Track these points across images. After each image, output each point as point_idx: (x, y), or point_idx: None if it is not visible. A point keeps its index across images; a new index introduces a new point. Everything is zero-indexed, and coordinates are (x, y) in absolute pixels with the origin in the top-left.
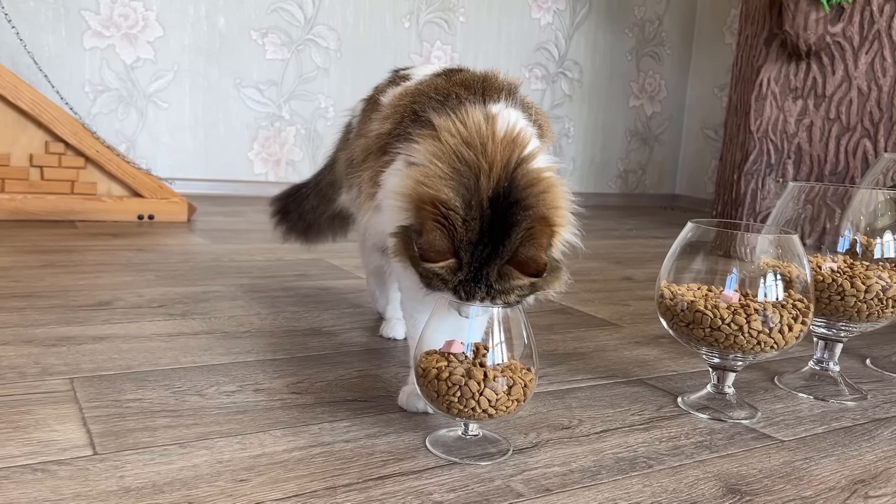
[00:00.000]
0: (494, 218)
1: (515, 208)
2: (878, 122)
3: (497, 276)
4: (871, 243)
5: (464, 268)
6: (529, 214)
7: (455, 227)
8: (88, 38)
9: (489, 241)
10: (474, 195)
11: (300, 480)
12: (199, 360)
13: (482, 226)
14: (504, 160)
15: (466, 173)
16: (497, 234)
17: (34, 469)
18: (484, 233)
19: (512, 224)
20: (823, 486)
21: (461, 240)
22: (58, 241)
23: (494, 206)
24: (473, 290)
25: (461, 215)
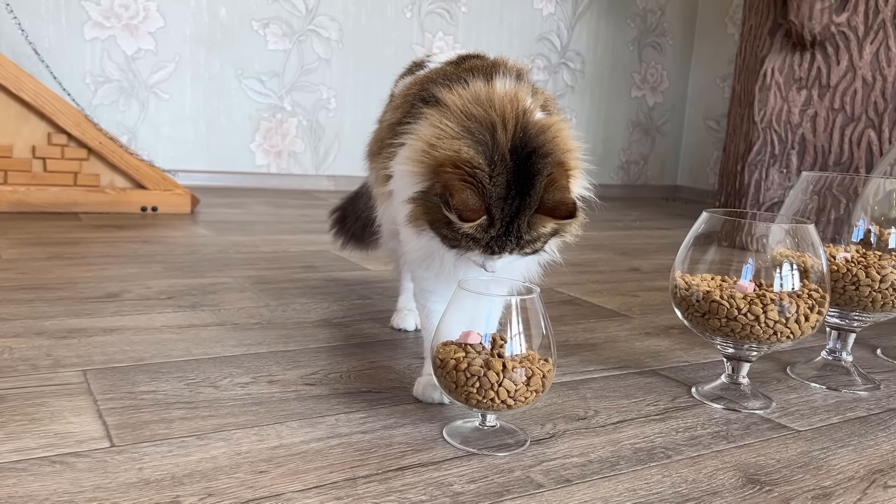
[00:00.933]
0: (517, 169)
1: (534, 157)
2: (883, 113)
3: (527, 227)
4: (883, 233)
5: (495, 223)
6: (548, 161)
7: (483, 184)
8: (89, 28)
9: (516, 193)
10: (495, 150)
11: (320, 472)
12: (212, 351)
13: (508, 179)
14: (513, 112)
15: (480, 129)
16: (523, 185)
17: (52, 461)
18: (511, 186)
19: (534, 173)
20: (842, 476)
21: (490, 196)
22: (62, 233)
23: (515, 157)
24: (504, 244)
25: (486, 171)
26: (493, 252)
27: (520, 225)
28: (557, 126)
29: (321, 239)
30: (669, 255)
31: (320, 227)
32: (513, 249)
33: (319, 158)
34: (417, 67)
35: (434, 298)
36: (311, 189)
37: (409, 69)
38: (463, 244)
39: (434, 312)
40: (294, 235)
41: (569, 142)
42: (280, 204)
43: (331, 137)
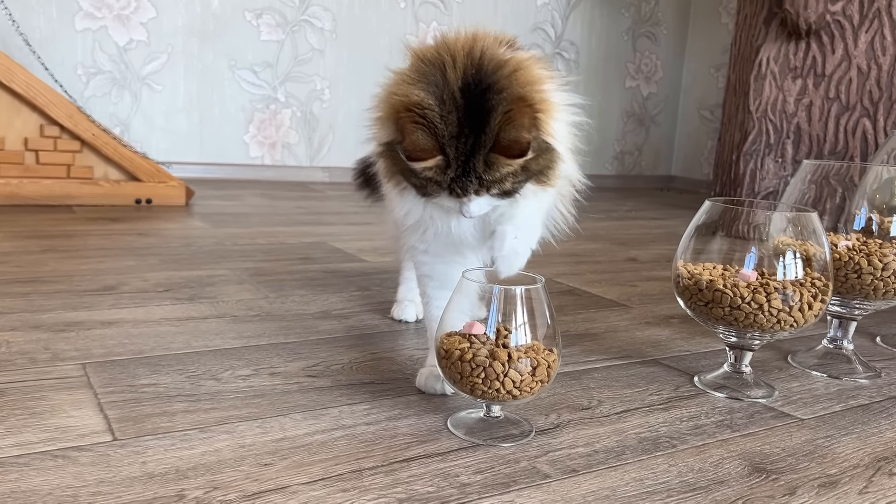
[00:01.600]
0: (470, 108)
1: (489, 94)
2: (878, 102)
3: (485, 166)
4: (884, 221)
5: (451, 164)
6: (504, 97)
7: (434, 124)
8: (80, 19)
9: (470, 131)
10: (445, 89)
11: (325, 464)
12: (211, 344)
13: (459, 117)
14: (467, 50)
15: (431, 71)
16: (477, 124)
17: (54, 455)
18: (463, 124)
19: (489, 110)
20: (847, 464)
21: (443, 135)
22: (56, 226)
23: (467, 95)
24: (465, 185)
25: (437, 111)
26: (456, 194)
27: (475, 164)
28: (519, 61)
29: (317, 230)
30: (666, 244)
31: (316, 219)
32: (477, 190)
33: (314, 150)
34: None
35: (433, 284)
36: (305, 181)
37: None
38: (430, 189)
39: (433, 299)
40: (290, 227)
41: (533, 76)
42: (275, 196)
43: (325, 128)
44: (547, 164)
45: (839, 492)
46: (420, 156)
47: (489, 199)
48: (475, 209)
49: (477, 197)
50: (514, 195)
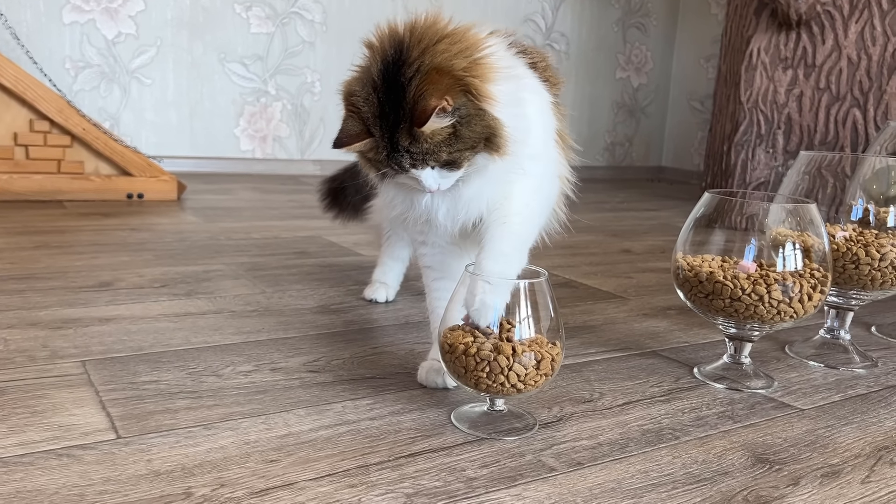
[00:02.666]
0: (388, 87)
1: (402, 68)
2: (868, 92)
3: (410, 139)
4: (880, 212)
5: (379, 143)
6: (417, 69)
7: (359, 108)
8: (68, 12)
9: (390, 109)
10: (367, 74)
11: (331, 460)
12: (211, 339)
13: (380, 97)
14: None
15: (365, 60)
16: (396, 101)
17: (59, 454)
18: (383, 103)
19: (404, 85)
20: (849, 454)
21: (367, 117)
22: (48, 222)
23: (385, 75)
24: (399, 160)
25: (360, 96)
26: (396, 170)
27: (399, 139)
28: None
29: (311, 224)
30: (660, 235)
31: (309, 213)
32: (413, 164)
33: (305, 143)
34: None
35: (434, 275)
36: (296, 174)
37: None
38: (381, 170)
39: (435, 290)
40: (284, 221)
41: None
42: (267, 189)
43: (316, 121)
44: (487, 130)
45: (842, 481)
46: (348, 141)
47: (437, 171)
48: (430, 182)
49: (422, 170)
50: (462, 166)
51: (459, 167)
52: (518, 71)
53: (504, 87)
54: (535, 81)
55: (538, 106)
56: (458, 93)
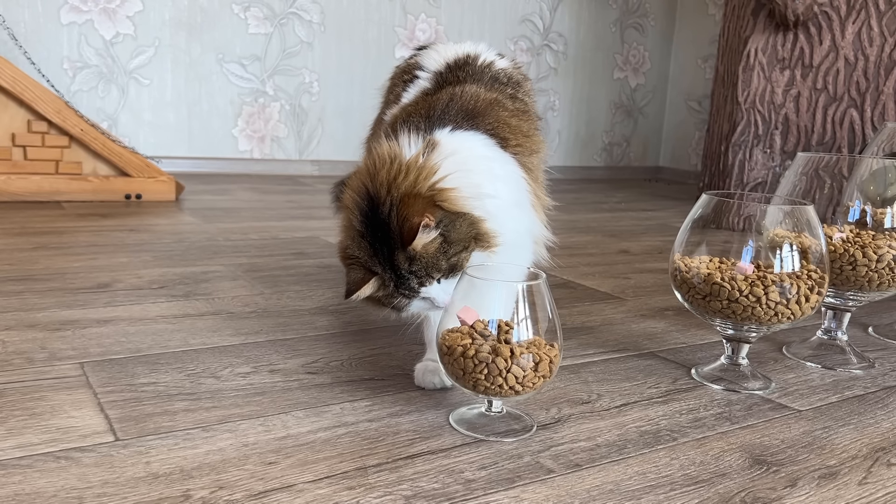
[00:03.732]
0: (373, 229)
1: (380, 208)
2: (865, 92)
3: (408, 262)
4: (876, 212)
5: (384, 277)
6: (391, 202)
7: (356, 256)
8: (66, 12)
9: (381, 245)
10: (352, 227)
11: (329, 462)
12: (209, 341)
13: (368, 241)
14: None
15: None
16: (383, 237)
17: (57, 457)
18: (373, 244)
19: (386, 222)
20: (846, 455)
21: (364, 262)
22: (46, 223)
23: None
24: (407, 284)
25: (354, 247)
26: (409, 296)
27: (400, 264)
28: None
29: (309, 225)
30: (657, 236)
31: (307, 213)
32: (421, 283)
33: (303, 143)
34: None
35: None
36: (295, 174)
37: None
38: (396, 305)
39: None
40: (282, 222)
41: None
42: (265, 190)
43: (314, 122)
44: (472, 228)
45: (839, 483)
46: (356, 287)
47: (444, 283)
48: (441, 297)
49: (430, 286)
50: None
51: (460, 268)
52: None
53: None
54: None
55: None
56: (434, 208)
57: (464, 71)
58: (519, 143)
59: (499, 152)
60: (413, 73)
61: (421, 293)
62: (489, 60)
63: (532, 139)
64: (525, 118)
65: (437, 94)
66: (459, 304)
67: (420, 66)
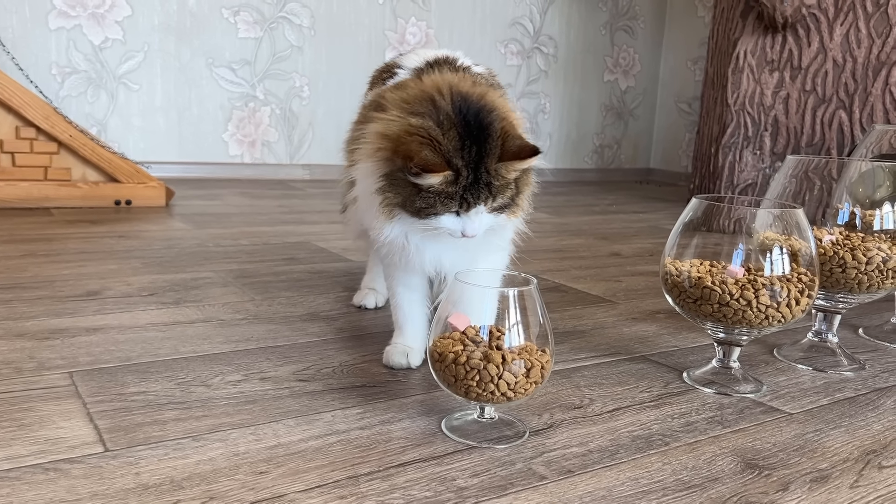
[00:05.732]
0: (467, 124)
1: (482, 112)
2: (853, 94)
3: (495, 173)
4: (865, 214)
5: (461, 174)
6: (496, 115)
7: (438, 140)
8: (54, 18)
9: (472, 143)
10: (440, 112)
11: (321, 470)
12: (200, 349)
13: (460, 132)
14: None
15: (420, 105)
16: (477, 137)
17: (45, 469)
18: (464, 138)
19: (486, 125)
20: (837, 458)
21: (448, 150)
22: (35, 230)
23: (462, 114)
24: (477, 192)
25: (438, 130)
26: (468, 205)
27: (487, 171)
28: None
29: (300, 230)
30: (648, 238)
31: (298, 218)
32: (487, 198)
33: (294, 147)
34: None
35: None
36: (285, 179)
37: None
38: (439, 207)
39: (400, 296)
40: (273, 227)
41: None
42: (256, 195)
43: (305, 126)
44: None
45: (831, 486)
46: (434, 168)
47: (490, 216)
48: (478, 226)
49: (482, 210)
50: (505, 212)
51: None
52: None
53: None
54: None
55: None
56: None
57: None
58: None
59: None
60: (392, 71)
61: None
62: (467, 64)
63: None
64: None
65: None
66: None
67: (399, 66)
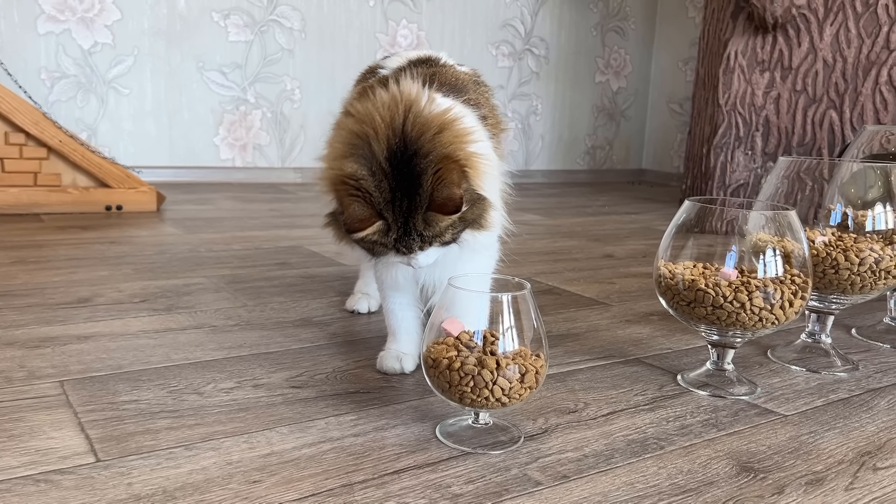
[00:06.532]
0: (399, 174)
1: (416, 159)
2: (844, 94)
3: (424, 224)
4: (857, 215)
5: (392, 226)
6: (431, 159)
7: (370, 192)
8: (42, 22)
9: (403, 195)
10: (373, 161)
11: (315, 479)
12: (192, 356)
13: (391, 184)
14: (389, 119)
15: (360, 144)
16: (409, 187)
17: (36, 480)
18: (395, 189)
19: (419, 174)
20: (832, 460)
21: (378, 202)
22: (25, 236)
23: (394, 163)
24: (409, 243)
25: (370, 181)
26: (402, 252)
27: (415, 224)
28: (443, 121)
29: (293, 234)
30: (641, 239)
31: (290, 222)
32: (421, 246)
33: (285, 151)
34: (370, 74)
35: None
36: (277, 182)
37: (364, 75)
38: (377, 250)
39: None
40: (265, 231)
41: (455, 135)
42: (247, 198)
43: (296, 129)
44: (480, 211)
45: (826, 489)
46: (359, 226)
47: (435, 249)
48: (423, 260)
49: (425, 251)
50: (455, 243)
51: (452, 244)
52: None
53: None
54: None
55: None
56: (463, 176)
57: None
58: (496, 122)
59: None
60: (375, 72)
61: (411, 254)
62: (451, 63)
63: (500, 120)
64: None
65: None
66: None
67: (382, 67)
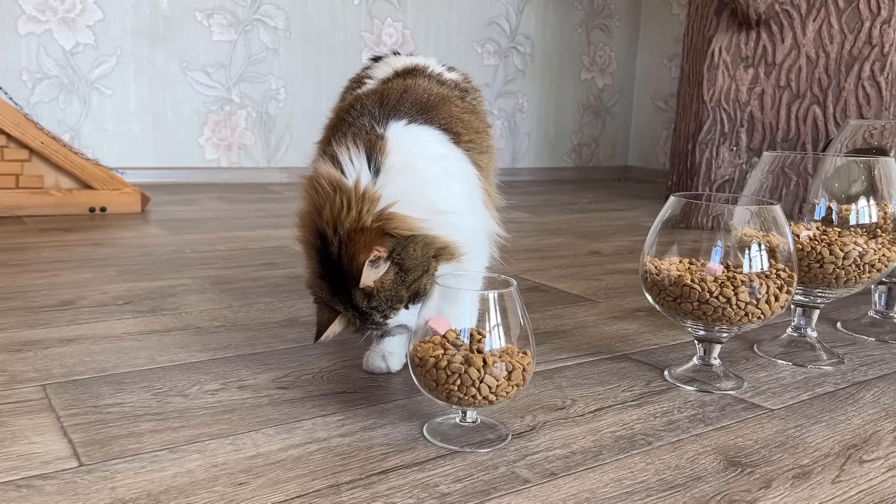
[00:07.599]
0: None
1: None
2: (827, 89)
3: (366, 299)
4: (841, 209)
5: (347, 314)
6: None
7: (320, 296)
8: (23, 23)
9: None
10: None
11: (301, 480)
12: (177, 358)
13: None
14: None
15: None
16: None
17: (18, 486)
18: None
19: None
20: (819, 454)
21: (327, 300)
22: (7, 239)
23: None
24: (373, 321)
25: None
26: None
27: (360, 305)
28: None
29: (278, 234)
30: (628, 236)
31: (276, 222)
32: (385, 317)
33: (271, 150)
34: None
35: None
36: (263, 182)
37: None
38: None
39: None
40: (250, 231)
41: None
42: (233, 199)
43: (282, 129)
44: (428, 250)
45: (813, 482)
46: (324, 329)
47: (412, 307)
48: (413, 321)
49: (398, 316)
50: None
51: (423, 293)
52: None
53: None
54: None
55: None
56: (384, 238)
57: (412, 75)
58: (471, 139)
59: (453, 149)
60: (363, 81)
61: (389, 324)
62: (438, 71)
63: (483, 136)
64: (475, 116)
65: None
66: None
67: (369, 77)
